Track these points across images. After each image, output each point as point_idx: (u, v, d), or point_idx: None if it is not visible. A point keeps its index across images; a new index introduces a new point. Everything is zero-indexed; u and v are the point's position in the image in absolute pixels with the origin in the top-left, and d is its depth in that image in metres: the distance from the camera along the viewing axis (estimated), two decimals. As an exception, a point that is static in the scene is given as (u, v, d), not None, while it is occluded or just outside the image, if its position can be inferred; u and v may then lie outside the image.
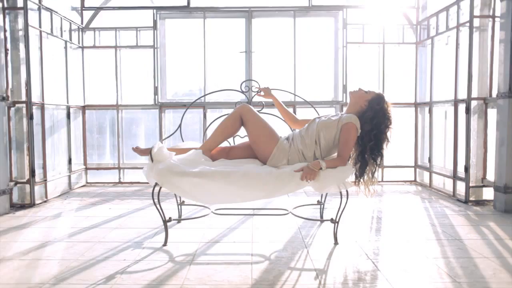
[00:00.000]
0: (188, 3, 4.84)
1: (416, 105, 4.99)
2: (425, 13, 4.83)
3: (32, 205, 3.76)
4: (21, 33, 3.77)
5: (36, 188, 3.84)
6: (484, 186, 3.85)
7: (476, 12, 3.81)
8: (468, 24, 3.78)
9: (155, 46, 4.87)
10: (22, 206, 3.74)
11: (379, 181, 4.86)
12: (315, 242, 2.70)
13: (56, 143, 4.35)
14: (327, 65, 5.05)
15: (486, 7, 3.85)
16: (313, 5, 4.86)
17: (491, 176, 3.75)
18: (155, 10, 4.87)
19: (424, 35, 4.83)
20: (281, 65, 4.94)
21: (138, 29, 4.92)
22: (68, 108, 4.56)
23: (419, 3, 4.93)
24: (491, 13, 3.81)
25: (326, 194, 3.21)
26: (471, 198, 3.83)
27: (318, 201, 3.37)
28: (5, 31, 3.62)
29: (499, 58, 3.60)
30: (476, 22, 3.83)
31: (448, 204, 3.79)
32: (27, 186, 3.79)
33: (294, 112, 4.73)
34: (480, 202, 3.80)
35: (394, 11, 5.00)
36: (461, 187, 3.94)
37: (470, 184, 3.81)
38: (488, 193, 3.82)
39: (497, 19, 3.71)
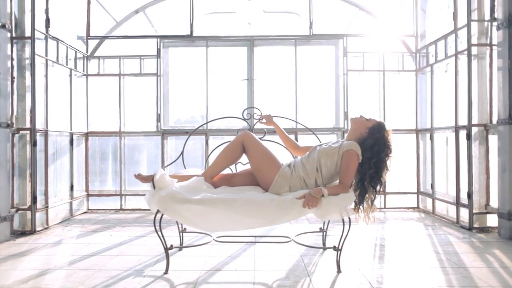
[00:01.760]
0: (191, 32, 4.95)
1: (417, 131, 5.02)
2: (423, 41, 4.92)
3: (33, 232, 3.73)
4: (27, 61, 3.85)
5: (38, 214, 3.83)
6: (487, 212, 3.82)
7: (474, 40, 3.87)
8: (466, 52, 3.85)
9: (158, 74, 4.95)
10: (23, 233, 3.72)
11: (381, 208, 4.85)
12: (318, 270, 2.66)
13: (59, 169, 4.36)
14: (328, 93, 5.11)
15: (483, 35, 3.93)
16: (313, 33, 4.96)
17: (494, 202, 3.73)
18: (158, 39, 4.98)
19: (423, 63, 4.90)
20: (283, 92, 5.01)
21: (142, 57, 5.01)
22: (72, 134, 4.60)
23: (417, 31, 5.02)
24: (488, 42, 3.88)
25: (329, 221, 3.19)
26: (475, 225, 3.79)
27: (320, 228, 3.34)
28: (12, 59, 3.70)
29: (498, 85, 3.64)
30: (474, 50, 3.90)
31: (452, 231, 3.75)
32: (28, 213, 3.77)
33: (296, 139, 4.76)
34: (484, 229, 3.77)
35: (393, 39, 5.10)
36: (464, 213, 3.91)
37: (474, 211, 3.79)
38: (492, 220, 3.79)
39: (494, 47, 3.78)
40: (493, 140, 3.77)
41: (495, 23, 3.72)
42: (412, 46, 5.07)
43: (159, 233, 2.57)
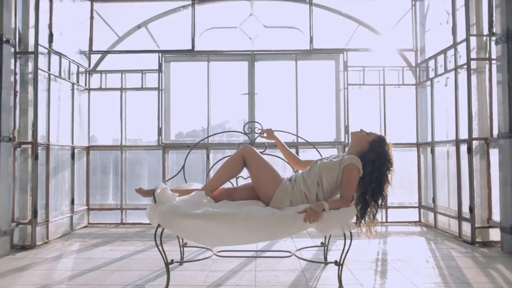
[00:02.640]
0: (193, 46, 5.00)
1: (418, 145, 5.02)
2: (423, 56, 4.96)
3: (32, 246, 3.72)
4: (30, 76, 3.89)
5: (38, 229, 3.81)
6: (490, 227, 3.79)
7: (473, 55, 3.91)
8: (465, 67, 3.87)
9: (160, 88, 4.99)
10: (23, 248, 3.70)
11: (383, 222, 4.82)
12: (319, 285, 2.64)
13: (60, 183, 4.36)
14: (329, 107, 5.13)
15: (482, 50, 3.96)
16: (314, 48, 5.01)
17: (496, 216, 3.71)
18: (160, 54, 5.03)
19: (423, 77, 4.93)
20: (284, 106, 5.03)
21: (144, 71, 5.05)
22: (73, 148, 4.61)
23: (417, 46, 5.07)
24: (487, 56, 3.91)
25: (330, 235, 3.17)
26: (478, 239, 3.77)
27: (322, 242, 3.32)
28: (15, 74, 3.73)
29: (498, 99, 3.66)
30: (474, 64, 3.93)
31: (454, 246, 3.73)
32: (29, 227, 3.76)
33: (297, 153, 4.76)
34: (487, 244, 3.74)
35: (393, 54, 5.14)
36: (466, 227, 3.89)
37: (476, 225, 3.77)
38: (494, 234, 3.77)
39: (493, 62, 3.80)
40: (494, 153, 3.77)
41: (493, 38, 3.76)
42: (412, 60, 5.11)
43: (160, 247, 2.55)
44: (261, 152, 2.87)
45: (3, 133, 3.52)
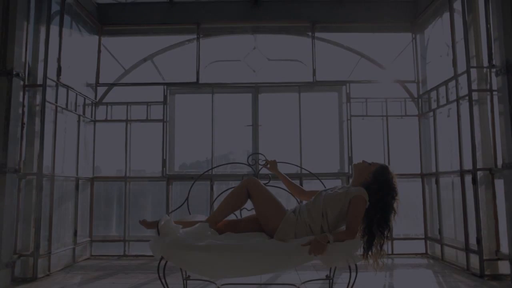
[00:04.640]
0: (197, 79, 5.09)
1: (422, 176, 5.00)
2: (425, 87, 5.01)
3: (34, 279, 3.66)
4: (38, 108, 3.94)
5: (39, 261, 3.76)
6: (498, 259, 3.72)
7: (474, 86, 3.94)
8: (467, 98, 3.91)
9: (165, 120, 5.04)
10: (24, 280, 3.64)
11: (389, 254, 4.74)
12: (325, 320, 2.58)
13: (63, 214, 4.34)
14: (332, 138, 5.16)
15: (483, 81, 4.01)
16: (317, 80, 5.08)
17: (505, 248, 3.64)
18: (165, 86, 5.11)
19: (425, 108, 4.97)
20: (287, 137, 5.06)
21: (149, 103, 5.12)
22: (77, 179, 4.62)
23: (418, 77, 5.14)
24: (488, 87, 3.95)
25: (335, 268, 3.12)
26: (487, 272, 3.68)
27: (327, 275, 3.26)
28: (23, 106, 3.79)
29: (501, 129, 3.67)
30: (475, 95, 3.95)
31: (463, 279, 3.64)
32: (31, 259, 3.71)
33: (301, 184, 4.75)
34: (496, 277, 3.65)
35: (395, 85, 5.20)
36: (474, 260, 3.81)
37: (484, 257, 3.69)
38: (504, 267, 3.68)
39: (494, 93, 3.84)
40: (499, 184, 3.74)
41: (493, 70, 3.81)
42: (414, 91, 5.16)
43: (163, 280, 2.51)
44: (265, 184, 2.87)
45: (9, 164, 3.54)
